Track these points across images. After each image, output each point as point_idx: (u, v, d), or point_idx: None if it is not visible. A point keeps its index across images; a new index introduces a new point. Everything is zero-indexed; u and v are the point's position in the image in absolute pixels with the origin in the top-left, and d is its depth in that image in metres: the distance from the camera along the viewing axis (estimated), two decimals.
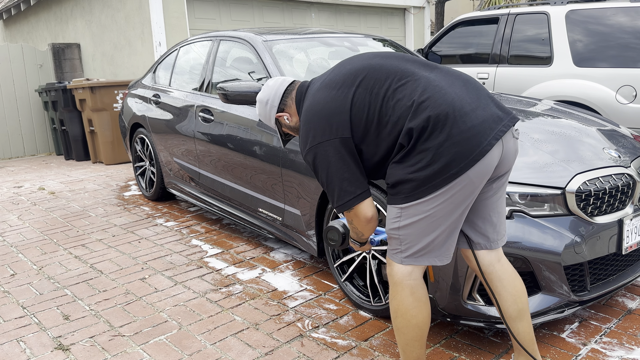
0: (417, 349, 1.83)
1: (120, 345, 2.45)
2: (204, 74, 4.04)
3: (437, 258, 1.74)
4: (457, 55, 5.58)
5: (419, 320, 1.78)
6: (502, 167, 1.74)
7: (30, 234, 4.18)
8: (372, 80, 1.72)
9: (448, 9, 16.78)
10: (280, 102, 1.95)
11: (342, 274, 2.79)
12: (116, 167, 7.02)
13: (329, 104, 1.73)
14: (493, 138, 1.62)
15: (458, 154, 1.59)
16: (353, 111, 1.71)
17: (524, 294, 1.91)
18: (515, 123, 1.71)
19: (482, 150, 1.60)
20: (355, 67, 1.78)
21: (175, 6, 7.40)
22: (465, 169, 1.59)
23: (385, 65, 1.75)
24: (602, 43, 4.43)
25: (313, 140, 1.73)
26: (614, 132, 2.85)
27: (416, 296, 1.77)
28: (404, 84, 1.69)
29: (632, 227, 2.41)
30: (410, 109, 1.64)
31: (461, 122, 1.60)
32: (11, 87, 8.35)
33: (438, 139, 1.59)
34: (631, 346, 2.29)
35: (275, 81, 1.99)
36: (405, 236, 1.71)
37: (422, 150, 1.61)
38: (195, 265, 3.36)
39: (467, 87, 1.70)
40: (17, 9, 10.57)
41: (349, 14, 9.74)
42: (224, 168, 3.67)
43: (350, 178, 1.72)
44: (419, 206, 1.66)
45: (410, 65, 1.76)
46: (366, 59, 1.81)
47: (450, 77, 1.72)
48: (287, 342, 2.42)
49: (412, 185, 1.64)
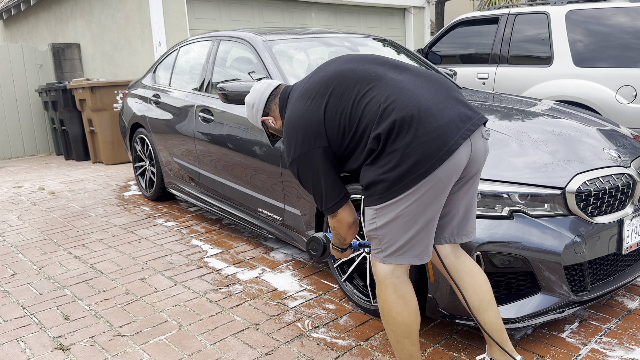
0: (407, 345, 1.85)
1: (120, 345, 2.45)
2: (204, 74, 4.04)
3: (416, 257, 1.78)
4: (457, 55, 5.58)
5: (404, 317, 1.81)
6: (472, 167, 1.77)
7: (30, 234, 4.18)
8: (342, 88, 1.78)
9: (448, 9, 16.79)
10: (264, 106, 2.04)
11: (342, 274, 2.79)
12: (116, 167, 7.02)
13: (304, 115, 1.80)
14: (460, 137, 1.65)
15: (425, 154, 1.62)
16: (327, 121, 1.77)
17: (485, 284, 1.94)
18: (484, 123, 1.74)
19: (449, 149, 1.63)
20: (328, 75, 1.84)
21: (175, 6, 7.40)
22: (433, 168, 1.63)
23: (355, 70, 1.80)
24: (602, 43, 4.43)
25: (294, 152, 1.82)
26: (614, 132, 2.85)
27: (399, 293, 1.81)
28: (371, 89, 1.73)
29: (632, 227, 2.41)
30: (377, 114, 1.68)
31: (427, 123, 1.64)
32: (11, 87, 8.35)
33: (405, 140, 1.63)
34: (631, 346, 2.29)
35: (261, 85, 2.07)
36: (383, 236, 1.76)
37: (391, 152, 1.66)
38: (195, 265, 3.36)
39: (436, 88, 1.74)
40: (17, 9, 10.57)
41: (349, 14, 9.74)
42: (224, 168, 3.67)
43: (333, 184, 1.81)
44: (392, 206, 1.70)
45: (380, 68, 1.80)
46: (339, 64, 1.86)
47: (420, 78, 1.76)
48: (287, 342, 2.42)
49: (384, 186, 1.69)
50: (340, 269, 2.81)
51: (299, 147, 1.80)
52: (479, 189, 2.20)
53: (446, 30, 5.73)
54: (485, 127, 1.77)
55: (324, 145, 1.78)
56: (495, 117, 2.81)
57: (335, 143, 1.79)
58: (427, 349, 2.32)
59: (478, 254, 2.14)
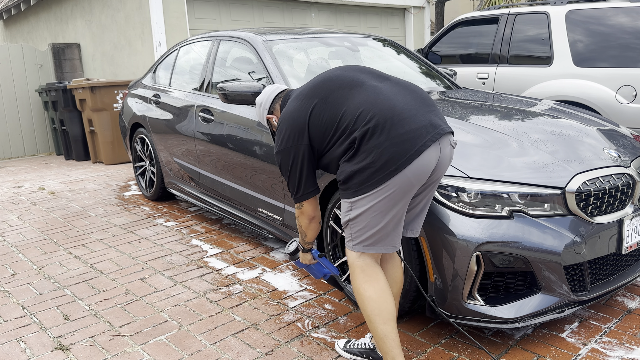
0: (380, 324, 1.95)
1: (120, 345, 2.45)
2: (204, 74, 4.04)
3: (383, 247, 1.96)
4: (457, 55, 5.58)
5: (370, 294, 1.96)
6: (437, 171, 1.93)
7: (30, 234, 4.18)
8: (327, 91, 1.98)
9: (448, 9, 16.79)
10: (270, 106, 2.27)
11: (342, 274, 2.79)
12: (116, 167, 7.02)
13: (293, 114, 2.01)
14: (429, 140, 1.83)
15: (396, 153, 1.81)
16: (311, 121, 1.97)
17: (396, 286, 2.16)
18: (451, 132, 1.93)
19: (418, 150, 1.81)
20: (319, 80, 2.05)
21: (175, 6, 7.40)
22: (403, 166, 1.81)
23: (341, 77, 2.00)
24: (602, 43, 4.43)
25: (279, 145, 2.04)
26: (614, 132, 2.85)
27: (366, 273, 1.98)
28: (352, 94, 1.92)
29: (632, 227, 2.41)
30: (355, 115, 1.86)
31: (399, 126, 1.83)
32: (11, 87, 8.35)
33: (379, 140, 1.82)
34: (631, 346, 2.29)
35: (270, 88, 2.32)
36: (354, 225, 1.94)
37: (366, 150, 1.84)
38: (195, 265, 3.36)
39: (411, 96, 1.93)
40: (17, 9, 10.57)
41: (349, 14, 9.74)
42: (224, 168, 3.67)
43: (307, 178, 2.03)
44: (365, 200, 1.88)
45: (364, 76, 2.00)
46: (330, 71, 2.08)
47: (398, 87, 1.96)
48: (287, 342, 2.42)
49: (359, 180, 1.86)
50: (340, 268, 2.81)
51: (284, 141, 2.01)
52: (479, 189, 2.20)
53: (446, 30, 5.73)
54: (453, 137, 1.95)
55: (306, 143, 1.98)
56: (495, 117, 2.81)
57: (317, 141, 1.97)
58: (427, 349, 2.33)
59: (478, 253, 2.14)
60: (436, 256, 2.22)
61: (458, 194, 2.20)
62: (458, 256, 2.15)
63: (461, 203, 2.19)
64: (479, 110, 2.95)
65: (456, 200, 2.20)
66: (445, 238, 2.18)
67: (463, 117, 2.77)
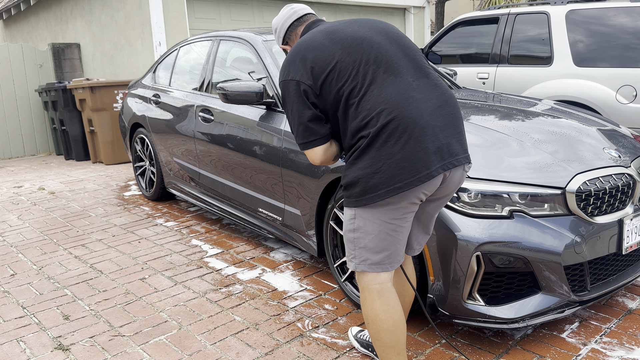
0: (393, 356, 1.83)
1: (120, 345, 2.45)
2: (204, 73, 4.04)
3: (385, 266, 1.79)
4: (457, 55, 5.58)
5: (389, 325, 1.79)
6: (443, 190, 1.78)
7: (30, 234, 4.18)
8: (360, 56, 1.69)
9: (448, 9, 16.78)
10: (285, 34, 1.98)
11: (342, 274, 2.79)
12: (116, 167, 7.02)
13: (315, 50, 1.71)
14: (441, 167, 1.65)
15: (405, 170, 1.62)
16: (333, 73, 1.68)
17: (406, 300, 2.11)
18: (468, 162, 1.75)
19: (429, 174, 1.64)
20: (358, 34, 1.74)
21: (175, 6, 7.40)
22: (410, 186, 1.63)
23: (382, 50, 1.72)
24: (602, 43, 4.43)
25: (282, 75, 1.76)
26: (614, 132, 2.85)
27: (384, 300, 1.79)
28: (384, 81, 1.67)
29: (632, 227, 2.40)
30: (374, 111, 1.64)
31: (418, 141, 1.62)
32: (11, 87, 8.35)
33: (393, 149, 1.62)
34: (631, 346, 2.29)
35: (287, 10, 1.98)
36: (358, 239, 1.77)
37: (375, 156, 1.64)
38: (195, 265, 3.36)
39: (442, 112, 1.69)
40: (17, 9, 10.56)
41: (349, 14, 9.74)
42: (224, 168, 3.67)
43: (311, 123, 1.73)
44: (368, 212, 1.72)
45: (405, 62, 1.73)
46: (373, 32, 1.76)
47: (432, 94, 1.71)
48: (287, 342, 2.42)
49: (360, 189, 1.69)
50: (340, 268, 2.81)
51: (290, 72, 1.73)
52: (480, 189, 2.20)
53: (446, 30, 5.73)
54: (469, 163, 1.77)
55: (309, 83, 1.70)
56: (495, 117, 2.81)
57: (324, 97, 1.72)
58: (427, 349, 2.32)
59: (478, 253, 2.14)
60: (436, 256, 2.22)
61: (458, 194, 2.20)
62: (458, 256, 2.15)
63: (461, 203, 2.19)
64: (479, 110, 2.95)
65: (456, 200, 2.20)
66: (446, 238, 2.18)
67: (463, 117, 2.77)
